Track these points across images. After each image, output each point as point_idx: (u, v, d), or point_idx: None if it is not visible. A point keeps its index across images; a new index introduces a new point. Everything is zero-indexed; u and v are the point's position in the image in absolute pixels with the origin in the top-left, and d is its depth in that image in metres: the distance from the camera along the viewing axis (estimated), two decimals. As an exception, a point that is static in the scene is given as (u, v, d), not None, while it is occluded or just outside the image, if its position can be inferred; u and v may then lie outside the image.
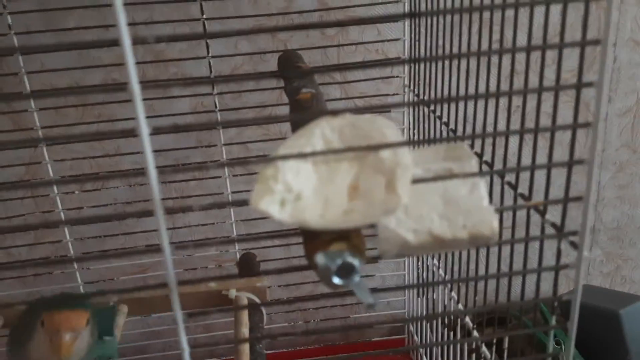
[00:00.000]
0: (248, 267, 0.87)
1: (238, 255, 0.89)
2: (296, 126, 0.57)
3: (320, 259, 0.35)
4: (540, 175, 0.48)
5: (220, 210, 0.90)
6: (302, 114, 0.58)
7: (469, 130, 0.61)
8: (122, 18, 0.33)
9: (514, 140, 0.49)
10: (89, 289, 0.87)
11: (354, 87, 0.86)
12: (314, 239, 0.38)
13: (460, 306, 0.67)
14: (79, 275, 0.86)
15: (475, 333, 0.64)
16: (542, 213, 0.48)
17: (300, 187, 0.35)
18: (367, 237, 0.40)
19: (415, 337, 0.91)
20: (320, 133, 0.38)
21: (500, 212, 0.38)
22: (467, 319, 0.68)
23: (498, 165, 0.56)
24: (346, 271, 0.36)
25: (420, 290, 0.85)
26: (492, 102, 0.58)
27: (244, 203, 0.37)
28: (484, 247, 0.58)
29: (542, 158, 0.47)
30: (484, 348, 0.63)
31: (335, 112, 0.40)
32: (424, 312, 0.87)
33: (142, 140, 0.35)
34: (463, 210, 0.37)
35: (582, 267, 0.45)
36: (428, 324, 0.83)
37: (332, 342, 1.00)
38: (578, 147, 0.92)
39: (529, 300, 0.54)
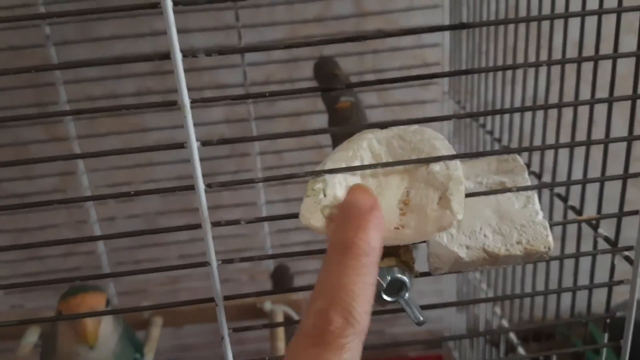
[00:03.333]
0: (282, 279, 0.86)
1: (270, 267, 0.88)
2: (336, 137, 0.55)
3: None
4: (591, 186, 0.46)
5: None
6: (342, 123, 0.56)
7: (514, 139, 0.59)
8: (173, 33, 0.32)
9: (563, 150, 0.47)
10: (123, 299, 0.86)
11: (390, 94, 0.84)
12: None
13: (504, 322, 0.65)
14: (113, 286, 0.85)
15: (520, 350, 0.62)
16: (595, 227, 0.45)
17: (348, 202, 0.33)
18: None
19: (453, 352, 0.88)
20: (367, 145, 0.37)
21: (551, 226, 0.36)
22: (512, 335, 0.65)
23: (547, 175, 0.54)
24: (396, 287, 0.34)
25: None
26: (539, 110, 0.56)
27: (292, 216, 0.35)
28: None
29: (595, 169, 0.45)
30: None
31: (380, 124, 0.38)
32: (465, 327, 0.84)
33: (192, 153, 0.34)
34: (517, 225, 0.35)
35: (638, 284, 0.43)
36: (469, 339, 0.80)
37: (367, 358, 0.98)
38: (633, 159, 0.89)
39: (579, 317, 0.51)
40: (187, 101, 0.34)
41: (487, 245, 0.34)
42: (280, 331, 0.70)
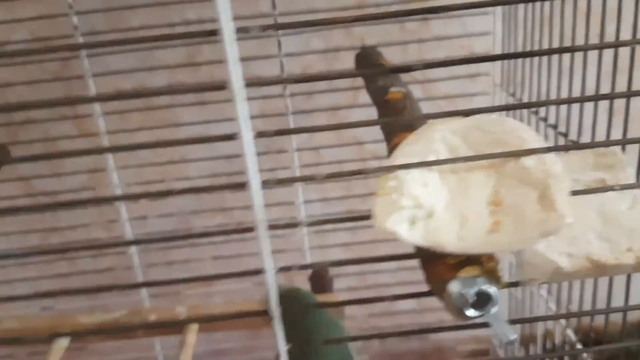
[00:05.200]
0: (320, 282, 0.81)
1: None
2: (389, 130, 0.50)
3: (455, 287, 0.29)
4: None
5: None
6: (395, 116, 0.51)
7: (586, 134, 0.54)
8: (225, 4, 0.28)
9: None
10: (155, 302, 0.83)
11: (435, 87, 0.79)
12: (436, 262, 0.31)
13: (570, 333, 0.59)
14: (145, 289, 0.82)
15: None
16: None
17: (430, 203, 0.28)
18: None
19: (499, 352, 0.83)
20: (441, 137, 0.32)
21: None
22: (571, 333, 0.59)
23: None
24: (481, 301, 0.30)
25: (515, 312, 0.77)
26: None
27: (362, 218, 0.31)
28: None
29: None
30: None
31: (433, 116, 0.34)
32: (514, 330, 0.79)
33: (244, 145, 0.30)
34: (625, 229, 0.30)
35: None
36: (522, 346, 0.75)
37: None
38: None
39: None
40: (238, 85, 0.29)
41: (592, 253, 0.29)
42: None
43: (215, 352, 0.88)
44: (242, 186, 0.31)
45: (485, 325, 0.32)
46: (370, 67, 0.64)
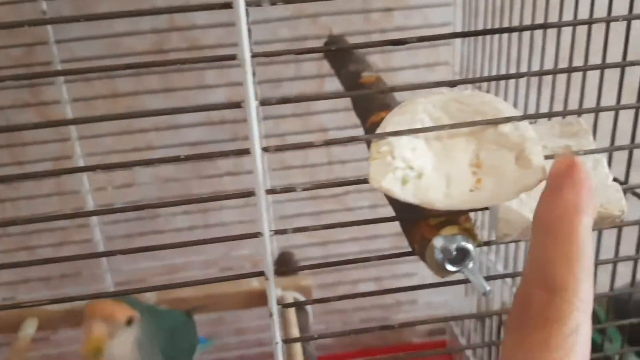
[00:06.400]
0: (287, 267, 0.83)
1: (274, 255, 0.85)
2: (364, 111, 0.52)
3: (437, 243, 0.32)
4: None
5: (254, 208, 0.86)
6: (371, 100, 0.54)
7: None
8: None
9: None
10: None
11: (396, 76, 0.82)
12: (419, 224, 0.34)
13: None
14: (110, 277, 0.82)
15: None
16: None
17: (420, 165, 0.31)
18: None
19: (460, 339, 0.87)
20: (423, 109, 0.35)
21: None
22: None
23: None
24: (459, 257, 0.33)
25: (470, 289, 0.81)
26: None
27: (362, 182, 0.33)
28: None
29: None
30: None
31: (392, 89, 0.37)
32: (473, 311, 0.83)
33: (249, 112, 0.32)
34: (589, 189, 0.33)
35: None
36: (478, 323, 0.79)
37: (369, 345, 0.96)
38: None
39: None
40: (247, 55, 0.31)
41: (560, 210, 0.32)
42: (293, 317, 0.68)
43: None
44: (246, 152, 0.32)
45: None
46: (342, 55, 0.66)
